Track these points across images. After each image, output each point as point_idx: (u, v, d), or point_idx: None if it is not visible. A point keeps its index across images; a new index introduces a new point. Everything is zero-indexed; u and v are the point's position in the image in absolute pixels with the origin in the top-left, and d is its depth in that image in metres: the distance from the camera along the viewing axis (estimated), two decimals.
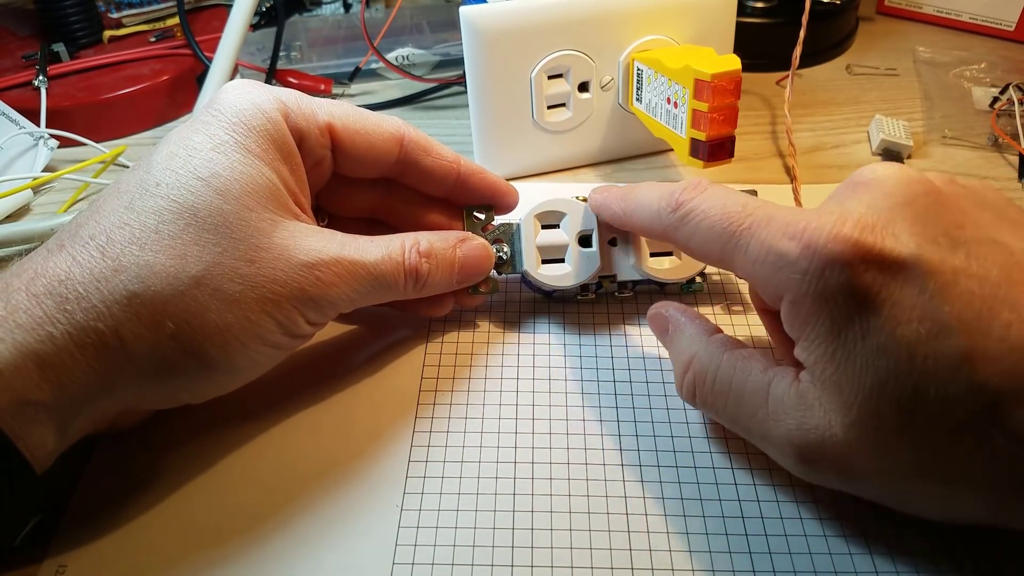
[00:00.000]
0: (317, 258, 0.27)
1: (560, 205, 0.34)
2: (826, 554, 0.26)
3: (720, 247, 0.26)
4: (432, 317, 0.35)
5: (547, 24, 0.41)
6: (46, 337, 0.24)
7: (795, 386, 0.25)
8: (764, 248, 0.24)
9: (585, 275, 0.34)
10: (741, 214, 0.25)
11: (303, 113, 0.29)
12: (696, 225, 0.27)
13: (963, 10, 0.61)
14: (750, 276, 0.26)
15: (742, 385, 0.26)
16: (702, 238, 0.27)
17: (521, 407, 0.31)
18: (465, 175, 0.33)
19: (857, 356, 0.23)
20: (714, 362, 0.27)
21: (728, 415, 0.27)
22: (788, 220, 0.24)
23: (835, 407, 0.23)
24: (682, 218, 0.27)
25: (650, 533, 0.27)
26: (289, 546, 0.27)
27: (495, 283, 0.34)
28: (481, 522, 0.27)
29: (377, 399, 0.32)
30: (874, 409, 0.22)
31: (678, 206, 0.27)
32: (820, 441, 0.24)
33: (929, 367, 0.22)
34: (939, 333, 0.22)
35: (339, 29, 0.57)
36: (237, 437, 0.30)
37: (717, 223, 0.26)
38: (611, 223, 0.33)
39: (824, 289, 0.23)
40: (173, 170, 0.26)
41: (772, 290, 0.25)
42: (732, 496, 0.28)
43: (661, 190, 0.29)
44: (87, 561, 0.26)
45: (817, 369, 0.24)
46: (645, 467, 0.29)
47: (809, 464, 0.24)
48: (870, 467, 0.23)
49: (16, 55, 0.55)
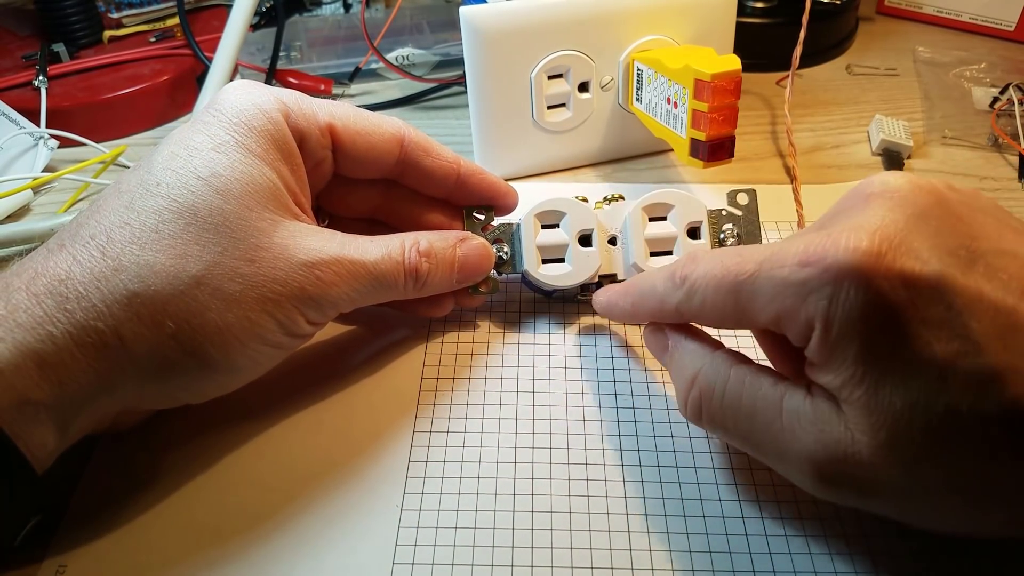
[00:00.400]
0: (317, 257, 0.27)
1: (560, 205, 0.34)
2: (826, 554, 0.26)
3: (733, 303, 0.25)
4: (432, 318, 0.35)
5: (547, 24, 0.41)
6: (46, 336, 0.24)
7: (810, 400, 0.24)
8: (780, 284, 0.23)
9: (585, 275, 0.34)
10: (741, 263, 0.24)
11: (304, 113, 0.30)
12: (704, 291, 0.25)
13: (963, 10, 0.61)
14: (773, 319, 0.24)
15: (753, 400, 0.25)
16: (712, 301, 0.25)
17: (521, 407, 0.32)
18: (465, 176, 0.33)
19: (887, 376, 0.22)
20: (721, 377, 0.26)
21: (739, 433, 0.26)
22: (798, 249, 0.23)
23: (863, 428, 0.22)
24: (688, 291, 0.26)
25: (650, 533, 0.27)
26: (289, 546, 0.27)
27: (495, 283, 0.34)
28: (481, 522, 0.27)
29: (377, 399, 0.32)
30: (905, 431, 0.22)
31: (682, 281, 0.26)
32: (842, 458, 0.23)
33: (960, 386, 0.21)
34: (968, 351, 0.21)
35: (339, 29, 0.57)
36: (237, 437, 0.30)
37: (722, 281, 0.25)
38: (623, 322, 0.33)
39: (851, 310, 0.22)
40: (174, 170, 0.26)
41: (799, 326, 0.23)
42: (732, 496, 0.28)
43: (661, 273, 0.27)
44: (87, 561, 0.27)
45: (845, 392, 0.23)
46: (645, 467, 0.29)
47: (828, 482, 0.23)
48: (896, 487, 0.23)
49: (16, 55, 0.55)
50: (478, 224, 0.34)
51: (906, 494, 0.23)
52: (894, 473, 0.22)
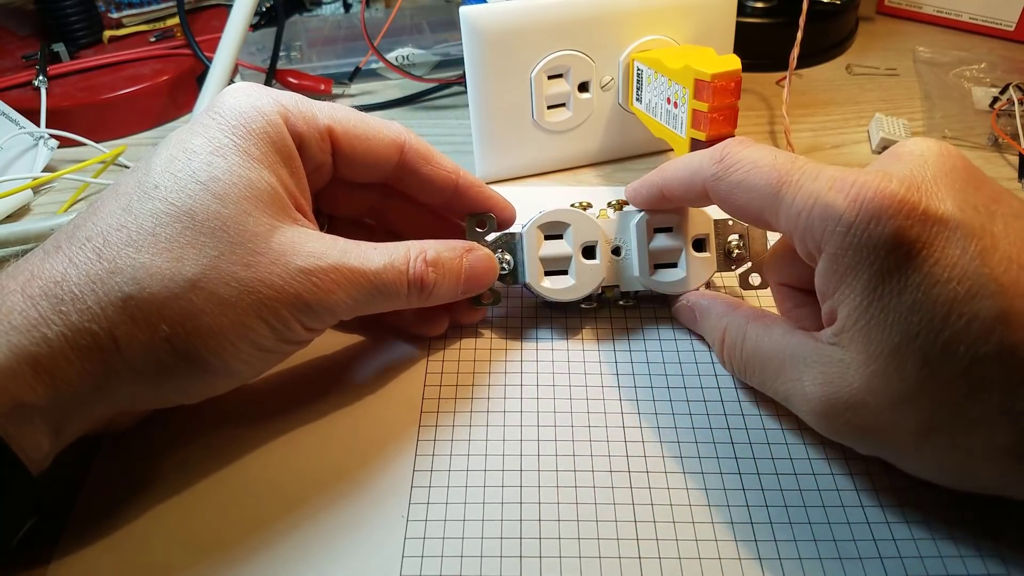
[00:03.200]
0: (315, 264, 0.27)
1: (563, 216, 0.33)
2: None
3: (764, 198, 0.26)
4: (426, 336, 0.34)
5: (547, 24, 0.41)
6: (41, 339, 0.23)
7: (816, 344, 0.26)
8: (812, 199, 0.25)
9: (588, 288, 0.34)
10: (791, 166, 0.26)
11: (304, 117, 0.29)
12: (744, 174, 0.27)
13: (963, 10, 0.61)
14: (792, 228, 0.26)
15: (767, 348, 0.28)
16: (747, 188, 0.27)
17: (525, 414, 0.31)
18: (464, 187, 0.33)
19: (891, 310, 0.23)
20: (741, 331, 0.30)
21: (757, 378, 0.29)
22: (836, 175, 0.25)
23: (860, 359, 0.24)
24: (727, 168, 0.28)
25: (659, 541, 0.27)
26: (294, 556, 0.27)
27: (497, 295, 0.34)
28: (488, 532, 0.27)
29: (381, 407, 0.32)
30: (899, 362, 0.23)
31: (722, 157, 0.28)
32: (839, 394, 0.25)
33: (962, 326, 0.22)
34: (977, 293, 0.22)
35: (339, 29, 0.57)
36: (240, 447, 0.30)
37: (766, 173, 0.26)
38: (650, 201, 0.33)
39: (867, 241, 0.23)
40: (172, 173, 0.26)
41: (812, 242, 0.25)
42: (740, 502, 0.28)
43: (699, 152, 0.29)
44: (90, 569, 0.26)
45: (849, 321, 0.24)
46: (652, 474, 0.29)
47: (829, 419, 0.26)
48: (886, 421, 0.24)
49: (16, 55, 0.55)
50: (480, 234, 0.34)
51: (896, 432, 0.24)
52: (884, 406, 0.24)
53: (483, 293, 0.33)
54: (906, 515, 0.27)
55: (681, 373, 0.33)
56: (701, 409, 0.31)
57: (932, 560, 0.26)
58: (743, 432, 0.30)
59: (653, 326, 0.35)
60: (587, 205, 0.34)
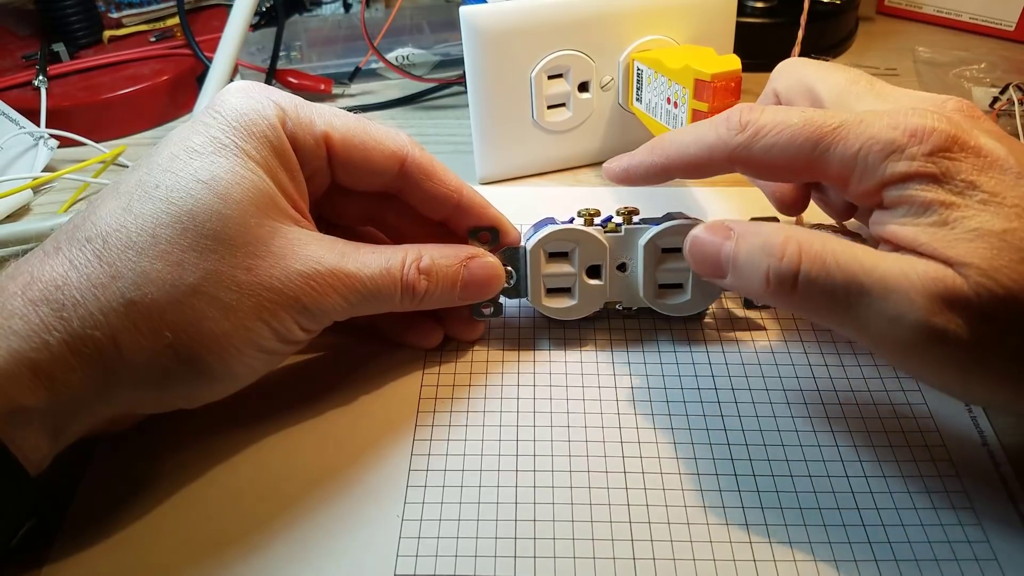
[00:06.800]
0: (314, 268, 0.27)
1: (569, 235, 0.32)
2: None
3: (807, 153, 0.26)
4: (420, 348, 0.34)
5: (547, 24, 0.41)
6: (42, 345, 0.23)
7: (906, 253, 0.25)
8: (869, 141, 0.25)
9: (591, 309, 0.34)
10: (827, 119, 0.26)
11: (300, 122, 0.29)
12: (775, 136, 0.27)
13: (963, 10, 0.61)
14: (846, 174, 0.26)
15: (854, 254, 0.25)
16: (783, 148, 0.27)
17: (521, 414, 0.31)
18: (466, 207, 0.32)
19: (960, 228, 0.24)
20: (818, 235, 0.26)
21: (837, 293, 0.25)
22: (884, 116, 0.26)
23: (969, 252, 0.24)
24: (754, 135, 0.27)
25: (653, 542, 0.27)
26: (290, 556, 0.27)
27: (499, 307, 0.34)
28: (483, 532, 0.27)
29: (377, 407, 0.32)
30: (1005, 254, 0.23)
31: (744, 126, 0.27)
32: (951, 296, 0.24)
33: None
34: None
35: (339, 29, 0.57)
36: (237, 447, 0.30)
37: (802, 131, 0.26)
38: (646, 180, 0.31)
39: (931, 168, 0.24)
40: (173, 172, 0.26)
41: (873, 181, 0.25)
42: (736, 503, 0.28)
43: (706, 125, 0.29)
44: (86, 569, 0.26)
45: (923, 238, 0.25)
46: (648, 474, 0.29)
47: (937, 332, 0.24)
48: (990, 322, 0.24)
49: (16, 55, 0.55)
50: (482, 248, 0.33)
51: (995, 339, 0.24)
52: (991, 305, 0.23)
53: (485, 304, 0.33)
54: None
55: (679, 374, 0.33)
56: (698, 411, 0.31)
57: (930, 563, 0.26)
58: (739, 434, 0.30)
59: (652, 326, 0.35)
60: (595, 212, 0.33)
